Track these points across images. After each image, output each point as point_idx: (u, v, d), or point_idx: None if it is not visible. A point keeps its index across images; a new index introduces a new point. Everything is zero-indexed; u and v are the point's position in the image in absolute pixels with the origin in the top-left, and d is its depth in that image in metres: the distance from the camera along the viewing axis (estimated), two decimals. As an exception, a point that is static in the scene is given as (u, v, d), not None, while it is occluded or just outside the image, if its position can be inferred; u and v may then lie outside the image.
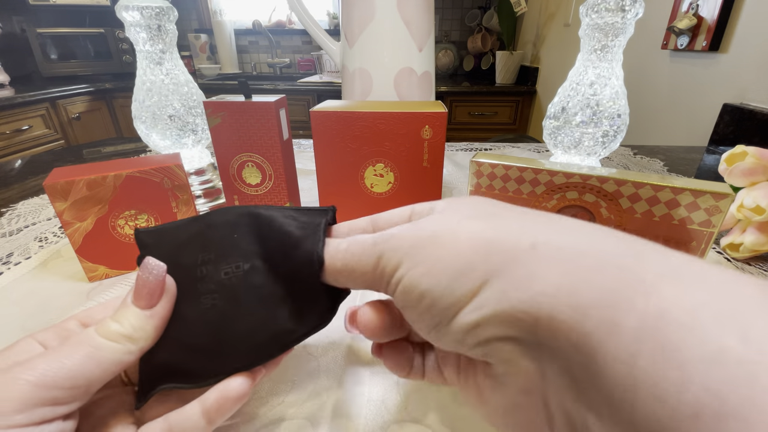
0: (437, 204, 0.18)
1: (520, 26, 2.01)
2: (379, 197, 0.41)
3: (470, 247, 0.14)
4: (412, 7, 0.48)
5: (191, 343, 0.18)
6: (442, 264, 0.14)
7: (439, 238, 0.15)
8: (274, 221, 0.19)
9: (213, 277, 0.19)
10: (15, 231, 0.45)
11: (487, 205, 0.17)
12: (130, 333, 0.17)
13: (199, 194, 0.48)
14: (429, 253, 0.15)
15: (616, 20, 0.39)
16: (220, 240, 0.19)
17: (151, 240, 0.20)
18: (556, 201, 0.37)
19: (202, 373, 0.18)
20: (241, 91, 0.40)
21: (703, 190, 0.31)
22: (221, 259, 0.19)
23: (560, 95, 0.46)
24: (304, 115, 1.89)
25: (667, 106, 1.00)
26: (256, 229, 0.19)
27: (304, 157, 0.70)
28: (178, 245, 0.20)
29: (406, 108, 0.38)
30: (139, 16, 0.40)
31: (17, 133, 1.49)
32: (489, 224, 0.15)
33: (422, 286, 0.15)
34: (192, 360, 0.18)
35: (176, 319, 0.18)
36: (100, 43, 1.90)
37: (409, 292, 0.15)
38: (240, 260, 0.19)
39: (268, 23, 2.27)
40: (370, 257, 0.17)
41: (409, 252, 0.15)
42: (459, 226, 0.15)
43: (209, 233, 0.20)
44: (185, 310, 0.19)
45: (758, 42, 0.74)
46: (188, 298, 0.19)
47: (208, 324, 0.18)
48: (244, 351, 0.18)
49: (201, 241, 0.19)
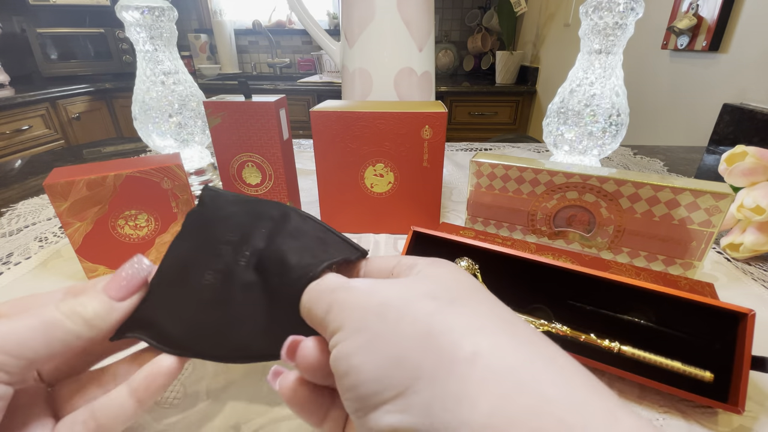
0: (419, 263, 0.17)
1: (520, 26, 2.01)
2: (379, 197, 0.41)
3: (411, 334, 0.13)
4: (412, 7, 0.48)
5: (178, 309, 0.19)
6: (377, 344, 0.13)
7: (385, 311, 0.14)
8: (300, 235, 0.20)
9: (225, 259, 0.19)
10: (15, 231, 0.45)
11: (459, 285, 0.16)
12: (89, 317, 0.17)
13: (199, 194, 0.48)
14: (370, 325, 0.14)
15: (616, 20, 0.39)
16: (250, 227, 0.20)
17: (209, 200, 0.21)
18: (556, 201, 0.37)
19: (174, 342, 0.18)
20: (241, 91, 0.40)
21: (703, 190, 0.31)
22: (240, 245, 0.20)
23: (560, 95, 0.46)
24: (304, 115, 1.89)
25: (667, 106, 1.00)
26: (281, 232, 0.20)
27: (304, 157, 0.70)
28: (220, 216, 0.21)
29: (406, 108, 0.38)
30: (139, 16, 0.40)
31: (17, 133, 1.49)
32: (442, 311, 0.14)
33: (352, 361, 0.13)
34: (171, 324, 0.18)
35: (177, 282, 0.19)
36: (100, 43, 1.90)
37: (339, 363, 0.14)
38: (249, 253, 0.19)
39: (268, 23, 2.26)
40: (324, 304, 0.16)
41: (352, 316, 0.14)
42: (410, 304, 0.14)
43: (246, 218, 0.20)
44: (190, 278, 0.19)
45: (758, 42, 0.74)
46: (198, 269, 0.19)
47: (199, 299, 0.19)
48: (215, 341, 0.19)
49: (237, 221, 0.20)
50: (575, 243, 0.38)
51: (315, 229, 0.21)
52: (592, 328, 0.25)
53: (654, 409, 0.23)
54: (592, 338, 0.25)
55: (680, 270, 0.34)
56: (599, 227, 0.36)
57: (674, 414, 0.23)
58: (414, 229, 0.30)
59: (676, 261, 0.34)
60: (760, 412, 0.23)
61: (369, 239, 0.42)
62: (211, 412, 0.23)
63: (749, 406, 0.23)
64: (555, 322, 0.26)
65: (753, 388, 0.24)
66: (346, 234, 0.44)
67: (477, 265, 0.28)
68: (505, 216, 0.39)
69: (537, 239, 0.39)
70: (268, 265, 0.19)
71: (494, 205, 0.39)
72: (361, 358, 0.13)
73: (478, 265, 0.28)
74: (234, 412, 0.23)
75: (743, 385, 0.21)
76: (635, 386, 0.25)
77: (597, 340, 0.25)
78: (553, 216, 0.37)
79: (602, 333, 0.25)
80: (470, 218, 0.41)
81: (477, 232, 0.40)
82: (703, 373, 0.22)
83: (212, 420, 0.23)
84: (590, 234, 0.36)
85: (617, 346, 0.24)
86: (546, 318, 0.26)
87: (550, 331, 0.26)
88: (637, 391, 0.24)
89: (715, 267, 0.38)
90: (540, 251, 0.36)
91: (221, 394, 0.24)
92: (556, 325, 0.26)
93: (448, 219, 0.47)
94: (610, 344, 0.24)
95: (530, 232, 0.39)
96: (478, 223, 0.41)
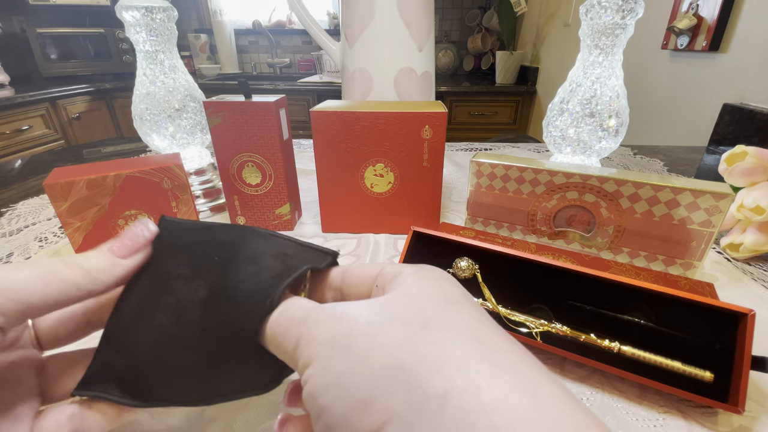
0: (404, 272, 0.16)
1: (520, 26, 2.01)
2: (379, 197, 0.41)
3: (379, 369, 0.12)
4: (412, 7, 0.48)
5: (137, 353, 0.17)
6: (345, 382, 0.12)
7: (353, 341, 0.13)
8: (258, 257, 0.18)
9: (177, 295, 0.18)
10: (15, 231, 0.45)
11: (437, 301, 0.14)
12: (90, 268, 0.17)
13: (199, 194, 0.48)
14: (337, 359, 0.13)
15: (616, 20, 0.39)
16: (202, 258, 0.19)
17: (165, 232, 0.19)
18: (556, 201, 0.37)
19: (134, 391, 0.17)
20: (241, 91, 0.40)
21: (703, 190, 0.31)
22: (192, 278, 0.18)
23: (560, 95, 0.46)
24: (304, 115, 1.89)
25: (667, 106, 1.00)
26: (236, 258, 0.18)
27: (304, 157, 0.70)
28: (174, 248, 0.19)
29: (406, 108, 0.38)
30: (139, 16, 0.40)
31: (17, 133, 1.49)
32: (412, 339, 0.12)
33: (320, 402, 0.13)
34: (132, 372, 0.17)
35: (134, 324, 0.18)
36: (100, 43, 1.90)
37: (309, 403, 0.13)
38: (201, 286, 0.18)
39: (268, 23, 2.26)
40: (291, 338, 0.15)
41: (320, 350, 0.13)
42: (380, 333, 0.13)
43: (200, 248, 0.19)
44: (143, 319, 0.18)
45: (758, 42, 0.74)
46: (151, 309, 0.18)
47: (155, 342, 0.17)
48: (178, 384, 0.17)
49: (191, 252, 0.19)
50: (575, 243, 0.38)
51: (275, 246, 0.19)
52: (592, 328, 0.25)
53: (654, 409, 0.23)
54: (592, 338, 0.25)
55: (680, 270, 0.34)
56: (599, 227, 0.36)
57: (674, 414, 0.23)
58: (414, 229, 0.30)
59: (676, 261, 0.34)
60: (760, 412, 0.23)
61: (369, 239, 0.42)
62: (211, 413, 0.23)
63: (749, 406, 0.23)
64: (555, 322, 0.26)
65: (753, 388, 0.24)
66: (346, 234, 0.44)
67: (477, 265, 0.28)
68: (505, 216, 0.39)
69: (537, 239, 0.39)
70: (221, 298, 0.17)
71: (494, 205, 0.39)
72: (328, 399, 0.12)
73: (478, 265, 0.28)
74: (234, 412, 0.23)
75: (743, 385, 0.21)
76: (635, 386, 0.25)
77: (597, 340, 0.25)
78: (553, 216, 0.37)
79: (602, 333, 0.25)
80: (470, 218, 0.41)
81: (477, 232, 0.40)
82: (703, 373, 0.22)
83: (212, 420, 0.23)
84: (590, 234, 0.36)
85: (617, 346, 0.24)
86: (546, 318, 0.27)
87: (550, 331, 0.26)
88: (637, 391, 0.24)
89: (715, 267, 0.38)
90: (540, 251, 0.36)
91: (221, 394, 0.24)
92: (556, 325, 0.26)
93: (448, 219, 0.47)
94: (610, 344, 0.24)
95: (530, 232, 0.39)
96: (478, 223, 0.41)
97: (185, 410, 0.23)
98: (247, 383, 0.17)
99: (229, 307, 0.17)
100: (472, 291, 0.20)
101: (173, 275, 0.18)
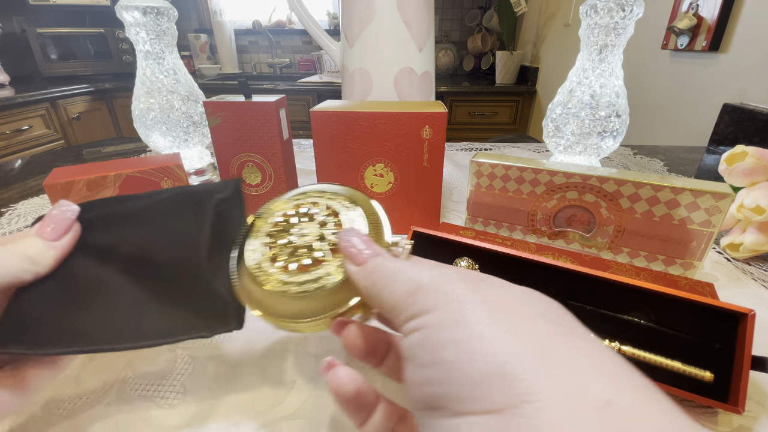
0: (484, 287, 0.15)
1: (520, 26, 2.01)
2: (379, 197, 0.41)
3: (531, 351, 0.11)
4: (412, 7, 0.48)
5: (64, 300, 0.19)
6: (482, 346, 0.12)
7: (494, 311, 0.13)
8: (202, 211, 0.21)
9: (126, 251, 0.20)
10: (15, 231, 0.45)
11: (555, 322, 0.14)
12: (32, 255, 0.18)
13: (199, 194, 0.48)
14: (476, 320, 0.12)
15: (616, 20, 0.39)
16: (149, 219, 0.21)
17: (87, 213, 0.21)
18: (556, 201, 0.37)
19: (53, 338, 0.18)
20: (241, 91, 0.40)
21: (703, 190, 0.31)
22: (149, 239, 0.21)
23: (560, 95, 0.46)
24: (304, 115, 1.89)
25: (667, 106, 1.00)
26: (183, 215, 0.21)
27: (304, 157, 0.70)
28: (111, 217, 0.21)
29: (406, 108, 0.38)
30: (139, 16, 0.41)
31: (17, 133, 1.49)
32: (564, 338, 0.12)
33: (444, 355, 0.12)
34: (56, 319, 0.18)
35: (64, 278, 0.19)
36: (100, 43, 1.90)
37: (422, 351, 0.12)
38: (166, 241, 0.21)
39: (268, 23, 2.26)
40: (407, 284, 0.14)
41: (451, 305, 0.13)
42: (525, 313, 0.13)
43: (142, 212, 0.21)
44: (74, 262, 0.19)
45: (758, 42, 0.74)
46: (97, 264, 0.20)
47: (96, 286, 0.19)
48: (104, 320, 0.19)
49: (134, 218, 0.21)
50: (575, 243, 0.38)
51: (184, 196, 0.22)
52: (592, 328, 0.25)
53: (654, 409, 0.23)
54: (592, 338, 0.25)
55: (680, 270, 0.34)
56: (599, 227, 0.36)
57: (674, 414, 0.23)
58: (414, 229, 0.30)
59: (676, 261, 0.34)
60: (760, 412, 0.23)
61: (369, 239, 0.42)
62: (211, 412, 0.23)
63: (749, 406, 0.23)
64: (555, 322, 0.26)
65: (753, 388, 0.24)
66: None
67: (477, 265, 0.28)
68: (505, 216, 0.39)
69: (537, 239, 0.39)
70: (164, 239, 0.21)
71: (494, 205, 0.39)
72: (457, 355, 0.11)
73: (478, 265, 0.28)
74: (234, 412, 0.23)
75: (743, 385, 0.21)
76: (635, 386, 0.25)
77: (597, 340, 0.25)
78: (553, 216, 0.37)
79: (602, 333, 0.25)
80: (470, 218, 0.41)
81: (477, 232, 0.40)
82: (703, 373, 0.22)
83: (212, 420, 0.23)
84: (590, 234, 0.36)
85: (617, 346, 0.24)
86: (546, 318, 0.26)
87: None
88: (637, 391, 0.24)
89: (715, 267, 0.38)
90: (540, 251, 0.36)
91: (221, 394, 0.24)
92: (556, 325, 0.26)
93: (448, 219, 0.47)
94: (610, 344, 0.24)
95: (530, 232, 0.39)
96: (478, 223, 0.41)
97: (185, 413, 0.23)
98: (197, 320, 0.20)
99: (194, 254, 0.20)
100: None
101: (120, 240, 0.21)
